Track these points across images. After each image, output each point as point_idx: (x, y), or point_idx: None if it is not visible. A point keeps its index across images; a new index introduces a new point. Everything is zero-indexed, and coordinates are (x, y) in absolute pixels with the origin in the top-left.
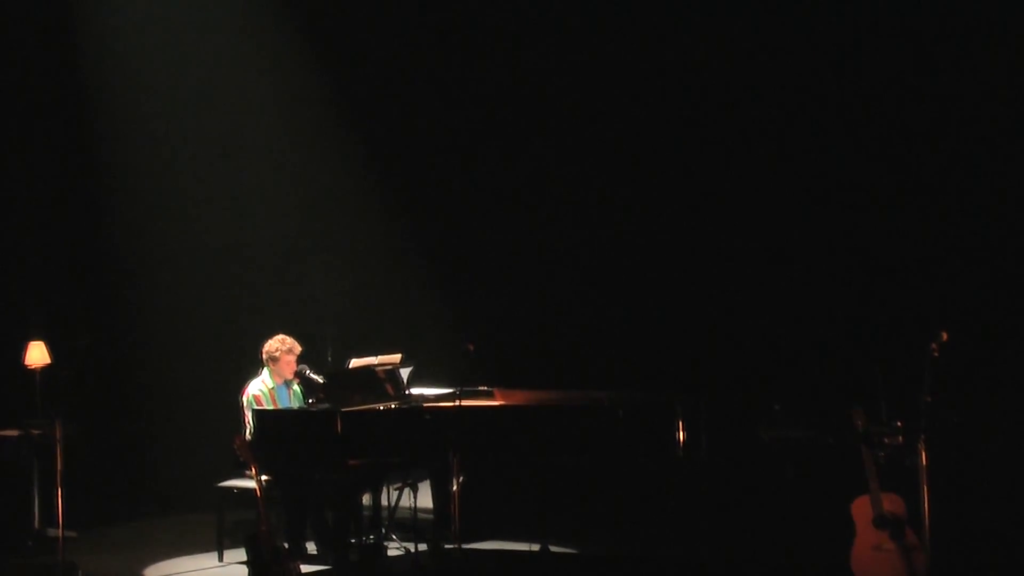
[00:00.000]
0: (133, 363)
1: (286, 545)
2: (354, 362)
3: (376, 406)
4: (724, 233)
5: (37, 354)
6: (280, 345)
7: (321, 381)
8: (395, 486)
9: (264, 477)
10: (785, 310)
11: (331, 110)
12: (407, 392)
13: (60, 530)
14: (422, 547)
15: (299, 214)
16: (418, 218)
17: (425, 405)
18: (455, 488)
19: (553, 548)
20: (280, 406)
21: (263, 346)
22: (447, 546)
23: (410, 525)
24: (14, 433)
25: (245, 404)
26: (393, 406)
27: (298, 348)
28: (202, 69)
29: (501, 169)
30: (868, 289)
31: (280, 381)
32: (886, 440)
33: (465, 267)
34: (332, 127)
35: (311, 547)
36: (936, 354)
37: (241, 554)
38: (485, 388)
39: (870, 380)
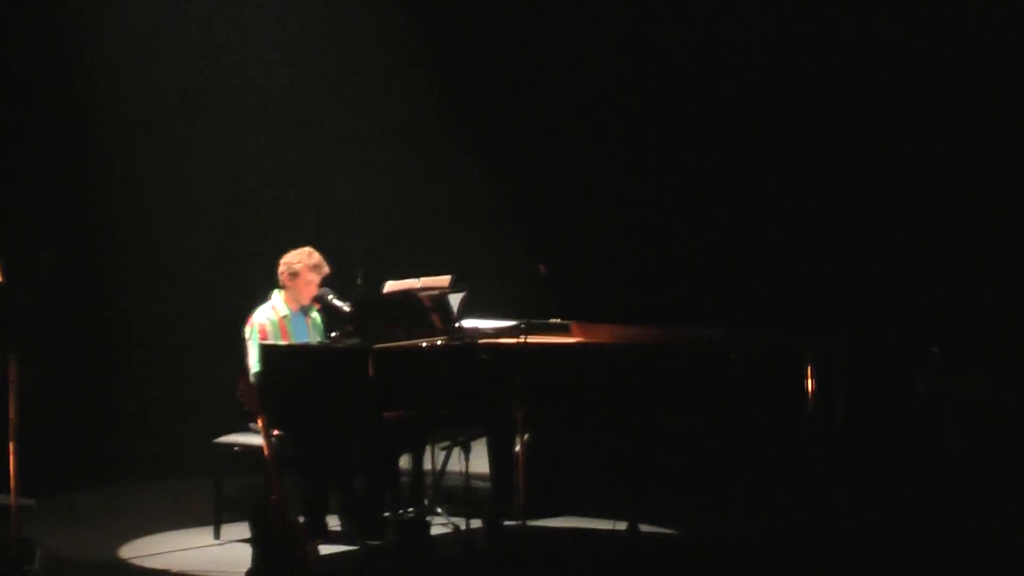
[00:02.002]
0: (111, 286)
1: (302, 519)
2: (391, 285)
3: (418, 342)
4: None
5: None
6: (306, 259)
7: (348, 310)
8: (442, 446)
9: (275, 432)
10: (948, 222)
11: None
12: (458, 325)
13: (13, 497)
14: (476, 524)
15: (326, 99)
16: (474, 103)
17: (481, 342)
18: (519, 449)
19: (643, 528)
20: (293, 339)
21: (282, 259)
22: (508, 523)
23: (461, 495)
24: None
25: (248, 336)
26: (440, 342)
27: (326, 268)
28: None
29: None
30: None
31: (296, 307)
32: None
33: (536, 164)
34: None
35: (334, 522)
36: None
37: (244, 530)
38: (559, 321)
39: None
